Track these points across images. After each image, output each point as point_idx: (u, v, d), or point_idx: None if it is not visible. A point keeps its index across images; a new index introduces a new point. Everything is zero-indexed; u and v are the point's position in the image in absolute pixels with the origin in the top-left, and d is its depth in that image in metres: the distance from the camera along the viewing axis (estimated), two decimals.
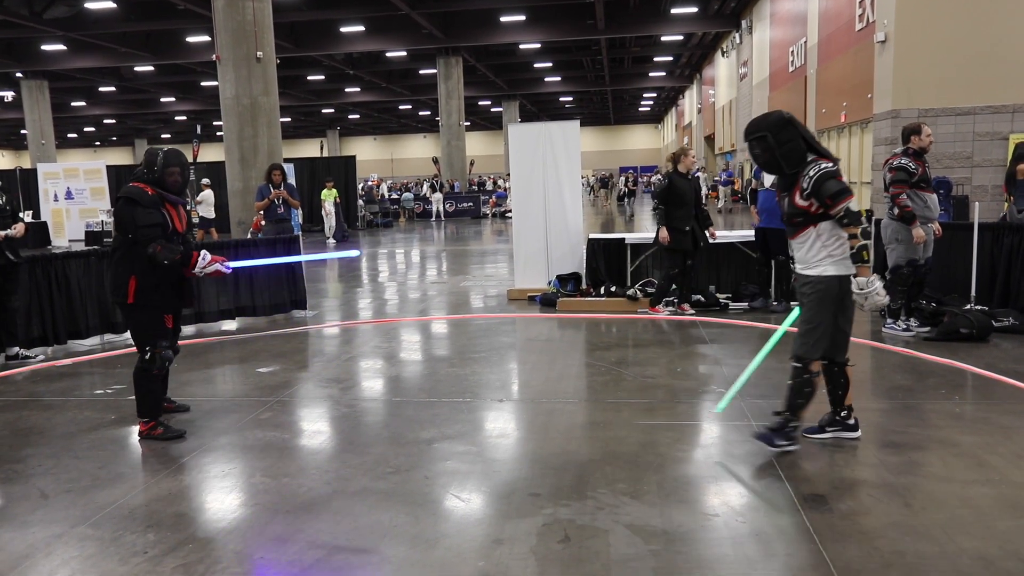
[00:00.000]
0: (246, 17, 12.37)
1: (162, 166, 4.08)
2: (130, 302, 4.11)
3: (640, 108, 55.35)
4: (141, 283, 4.07)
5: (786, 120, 3.49)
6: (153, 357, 4.15)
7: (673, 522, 3.02)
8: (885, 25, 12.96)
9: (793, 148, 3.46)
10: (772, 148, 3.46)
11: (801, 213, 3.47)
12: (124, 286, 4.09)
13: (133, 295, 4.08)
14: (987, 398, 4.56)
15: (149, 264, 4.05)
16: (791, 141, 3.46)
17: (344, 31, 24.73)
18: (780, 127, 3.47)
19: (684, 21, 25.75)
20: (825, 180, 3.39)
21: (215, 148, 41.64)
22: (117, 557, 2.88)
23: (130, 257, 4.09)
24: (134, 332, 4.26)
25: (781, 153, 3.46)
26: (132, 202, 4.04)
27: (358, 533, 3.02)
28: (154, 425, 4.21)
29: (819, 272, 3.50)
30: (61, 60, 26.38)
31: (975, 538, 2.82)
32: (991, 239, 6.56)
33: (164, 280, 4.14)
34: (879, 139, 13.43)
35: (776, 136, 3.46)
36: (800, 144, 3.47)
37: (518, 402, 4.76)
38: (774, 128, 3.47)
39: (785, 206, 3.55)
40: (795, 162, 3.47)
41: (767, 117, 3.55)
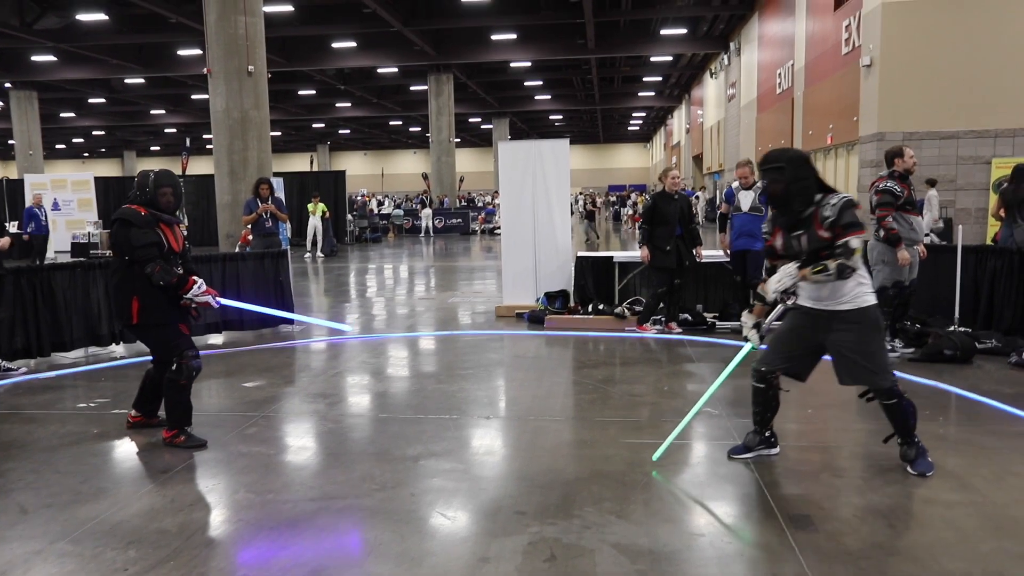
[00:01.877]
0: (238, 31, 12.40)
1: (154, 186, 4.14)
2: (135, 323, 4.16)
3: (629, 127, 55.80)
4: (143, 302, 4.13)
5: (804, 158, 3.52)
6: (180, 368, 4.18)
7: (659, 541, 3.01)
8: (871, 50, 13.20)
9: (806, 187, 3.46)
10: (787, 182, 3.46)
11: (826, 246, 3.43)
12: (128, 307, 4.15)
13: (137, 315, 4.14)
14: (971, 420, 4.60)
15: (148, 283, 4.11)
16: (806, 179, 3.47)
17: (336, 47, 24.82)
18: (799, 164, 3.48)
19: (673, 42, 26.05)
20: (846, 209, 3.39)
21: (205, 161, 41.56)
22: (97, 574, 2.84)
23: (129, 278, 4.14)
24: (155, 349, 4.30)
25: (794, 189, 3.46)
26: (126, 223, 4.09)
27: (343, 551, 3.00)
28: (177, 433, 4.25)
29: (860, 305, 3.48)
30: (51, 71, 26.27)
31: (958, 560, 2.83)
32: (975, 261, 6.64)
33: (166, 296, 4.18)
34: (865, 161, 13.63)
35: (795, 171, 3.46)
36: (813, 185, 3.48)
37: (505, 419, 4.74)
38: (793, 163, 3.48)
39: (803, 243, 3.49)
40: (804, 201, 3.47)
41: (786, 151, 3.56)
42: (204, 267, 7.24)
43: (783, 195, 3.48)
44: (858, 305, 3.49)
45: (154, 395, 4.50)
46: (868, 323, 3.50)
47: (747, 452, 3.86)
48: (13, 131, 28.25)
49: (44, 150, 30.17)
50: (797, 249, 3.52)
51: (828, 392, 5.26)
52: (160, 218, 4.17)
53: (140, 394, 4.58)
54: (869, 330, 3.50)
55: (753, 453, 3.85)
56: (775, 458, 3.90)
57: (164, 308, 4.18)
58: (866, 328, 3.50)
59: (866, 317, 3.50)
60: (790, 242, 3.55)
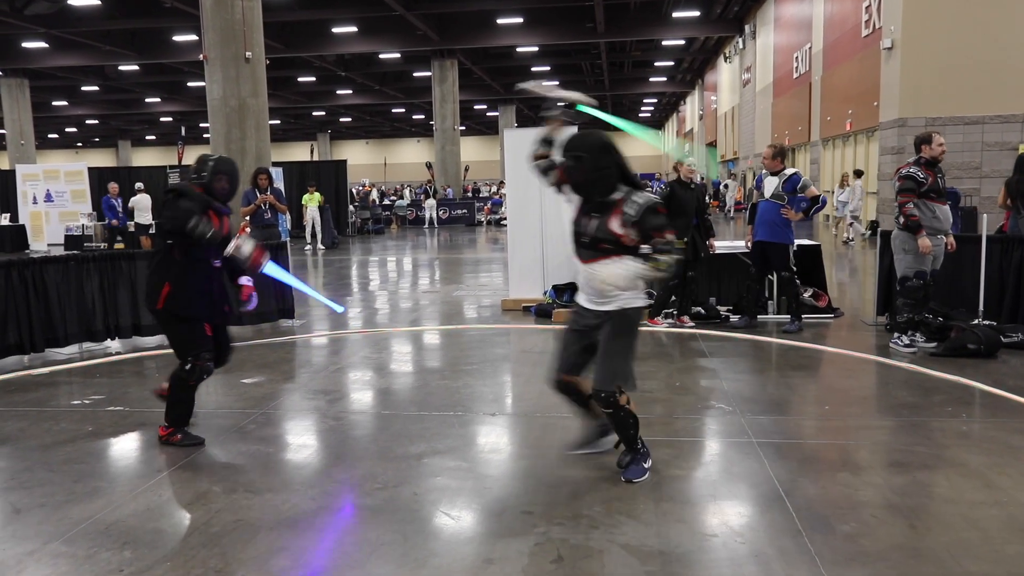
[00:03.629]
0: (235, 16, 12.24)
1: (211, 172, 4.10)
2: (159, 307, 4.06)
3: (640, 114, 55.48)
4: (173, 290, 4.03)
5: (608, 144, 3.35)
6: (193, 368, 4.09)
7: (670, 542, 2.95)
8: (892, 32, 12.95)
9: (607, 175, 3.32)
10: (587, 170, 3.32)
11: (612, 240, 3.32)
12: (156, 292, 4.06)
13: (163, 300, 4.03)
14: (995, 416, 4.49)
15: (185, 271, 4.03)
16: (607, 168, 3.32)
17: (336, 32, 24.60)
18: (600, 152, 3.32)
19: (686, 25, 25.69)
20: (652, 212, 3.28)
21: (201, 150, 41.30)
22: (91, 575, 2.79)
23: (166, 263, 4.07)
24: (173, 341, 4.18)
25: (594, 178, 3.32)
26: (179, 195, 4.03)
27: (343, 551, 2.94)
28: (174, 431, 4.17)
29: (624, 306, 3.38)
30: (42, 58, 26.06)
31: (982, 562, 2.76)
32: (1000, 252, 6.49)
33: (198, 288, 4.07)
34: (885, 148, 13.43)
35: (595, 160, 3.31)
36: (615, 174, 3.34)
37: (511, 416, 4.68)
38: (593, 151, 3.32)
39: (592, 228, 3.37)
40: (605, 190, 3.34)
41: (588, 137, 3.38)
42: None
43: (583, 184, 3.36)
44: (622, 307, 3.39)
45: None
46: (624, 325, 3.40)
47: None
48: (4, 120, 28.10)
49: (36, 140, 29.96)
50: (587, 230, 3.39)
51: (847, 389, 5.21)
52: (211, 204, 4.10)
53: None
54: (621, 332, 3.40)
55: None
56: (790, 455, 3.80)
57: (193, 302, 4.07)
58: (618, 329, 3.40)
59: (625, 319, 3.40)
60: (583, 220, 3.43)
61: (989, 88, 12.27)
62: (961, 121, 12.43)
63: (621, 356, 3.41)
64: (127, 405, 5.01)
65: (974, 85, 12.29)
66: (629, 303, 3.39)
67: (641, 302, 3.44)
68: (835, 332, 6.91)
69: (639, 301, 3.43)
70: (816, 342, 6.42)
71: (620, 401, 3.43)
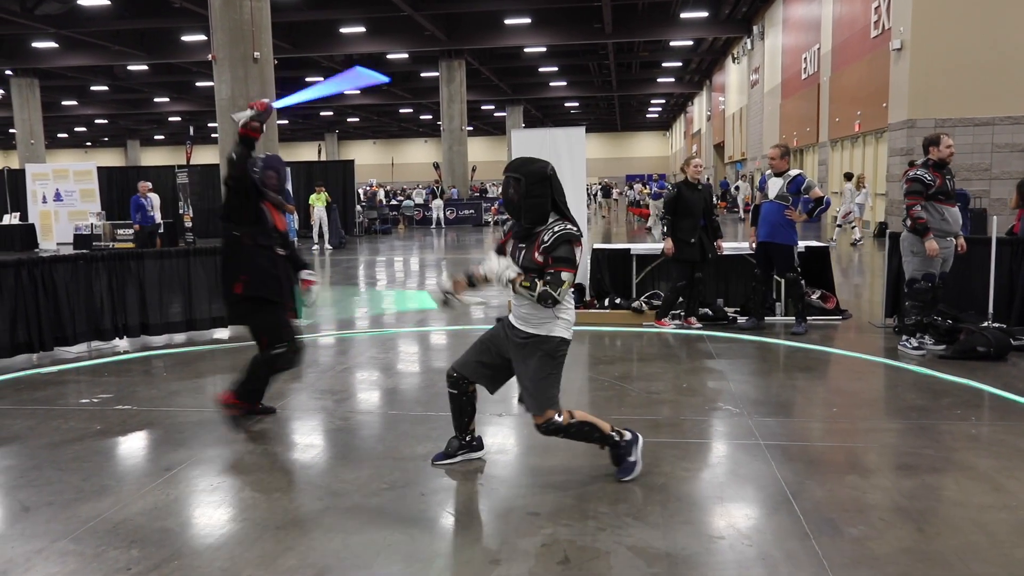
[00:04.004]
0: (243, 16, 12.28)
1: (263, 168, 4.26)
2: (238, 292, 4.18)
3: (648, 115, 55.38)
4: (250, 275, 4.18)
5: (547, 175, 3.39)
6: (285, 356, 4.23)
7: (677, 544, 2.94)
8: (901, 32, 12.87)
9: (539, 204, 3.37)
10: (521, 195, 3.37)
11: (536, 269, 3.36)
12: (233, 281, 4.20)
13: (242, 286, 4.17)
14: (1005, 419, 4.46)
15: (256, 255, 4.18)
16: (540, 197, 3.37)
17: (344, 32, 24.64)
18: (537, 180, 3.38)
19: (694, 26, 25.64)
20: (564, 242, 3.31)
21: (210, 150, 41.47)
22: (99, 574, 2.79)
23: (236, 251, 4.23)
24: (260, 329, 4.28)
25: (527, 204, 3.37)
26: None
27: (350, 551, 2.94)
28: (238, 404, 4.29)
29: (547, 332, 3.40)
30: (52, 58, 26.20)
31: (991, 565, 2.74)
32: (1010, 254, 6.45)
33: (269, 272, 4.21)
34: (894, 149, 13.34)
35: (530, 187, 3.36)
36: (547, 205, 3.37)
37: (518, 416, 4.65)
38: (531, 177, 3.38)
39: (519, 258, 3.44)
40: (535, 218, 3.38)
41: (531, 163, 3.44)
42: (209, 259, 7.16)
43: (515, 206, 3.41)
44: (543, 332, 3.40)
45: None
46: (544, 352, 3.41)
47: (448, 458, 3.80)
48: (14, 120, 28.23)
49: (46, 139, 30.13)
50: (516, 260, 3.45)
51: (855, 391, 5.18)
52: (266, 195, 4.26)
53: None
54: (541, 358, 3.41)
55: (458, 459, 3.80)
56: (798, 458, 3.79)
57: (267, 283, 4.21)
58: (539, 356, 3.41)
59: (545, 344, 3.41)
60: (514, 251, 3.50)
61: (999, 89, 12.18)
62: (971, 122, 12.34)
63: (546, 382, 3.45)
64: (135, 404, 5.02)
65: (984, 86, 12.19)
66: (552, 331, 3.41)
67: (563, 333, 3.44)
68: (843, 334, 6.87)
69: (562, 332, 3.43)
70: (824, 344, 6.39)
71: (564, 422, 3.46)
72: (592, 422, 3.54)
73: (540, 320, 3.41)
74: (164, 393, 5.29)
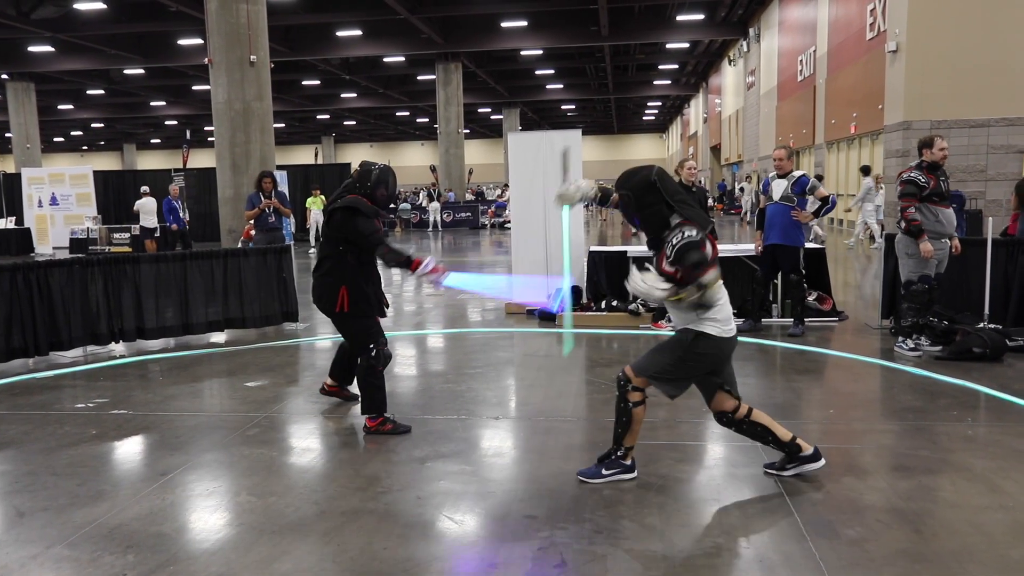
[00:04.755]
0: (240, 20, 12.25)
1: (375, 182, 4.34)
2: (345, 311, 4.31)
3: (644, 117, 55.37)
4: (352, 293, 4.29)
5: (651, 182, 3.35)
6: (378, 355, 4.35)
7: (674, 547, 2.94)
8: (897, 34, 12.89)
9: (655, 212, 3.34)
10: (636, 210, 3.38)
11: (668, 277, 3.32)
12: (335, 296, 4.29)
13: (348, 304, 4.29)
14: (1001, 420, 4.47)
15: (357, 273, 4.31)
16: (654, 205, 3.34)
17: (341, 35, 24.63)
18: (644, 190, 3.35)
19: (690, 28, 25.66)
20: (687, 251, 3.25)
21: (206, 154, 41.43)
22: None
23: (340, 267, 4.31)
24: (354, 337, 4.46)
25: (644, 216, 3.38)
26: (354, 211, 4.24)
27: (346, 555, 2.93)
28: (383, 421, 4.37)
29: (686, 325, 3.41)
30: (48, 62, 26.12)
31: (988, 567, 2.74)
32: (1005, 255, 6.46)
33: (367, 289, 4.36)
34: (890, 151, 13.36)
35: (639, 199, 3.35)
36: (663, 210, 3.33)
37: (515, 420, 4.66)
38: (637, 190, 3.36)
39: (655, 265, 3.43)
40: (656, 228, 3.37)
41: (634, 175, 3.41)
42: (205, 263, 7.15)
43: (632, 218, 3.45)
44: (685, 324, 3.41)
45: (349, 368, 4.74)
46: (688, 339, 3.39)
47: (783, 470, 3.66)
48: (10, 124, 28.14)
49: (42, 143, 30.06)
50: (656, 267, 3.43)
51: (851, 392, 5.19)
52: (379, 213, 4.41)
53: (337, 365, 4.83)
54: (682, 343, 3.41)
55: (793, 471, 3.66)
56: None
57: (368, 300, 4.36)
58: (682, 340, 3.41)
59: (690, 335, 3.39)
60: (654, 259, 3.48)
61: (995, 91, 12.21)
62: (966, 124, 12.37)
63: (660, 356, 3.45)
64: (131, 408, 5.01)
65: (979, 88, 12.23)
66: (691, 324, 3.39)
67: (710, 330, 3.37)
68: (840, 336, 6.88)
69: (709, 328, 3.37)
70: (821, 346, 6.39)
71: (629, 396, 3.46)
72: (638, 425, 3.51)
73: (687, 321, 3.41)
74: (160, 397, 5.27)
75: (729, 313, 3.43)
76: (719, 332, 3.37)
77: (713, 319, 3.37)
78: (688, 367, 3.42)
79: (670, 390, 3.49)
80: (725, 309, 3.40)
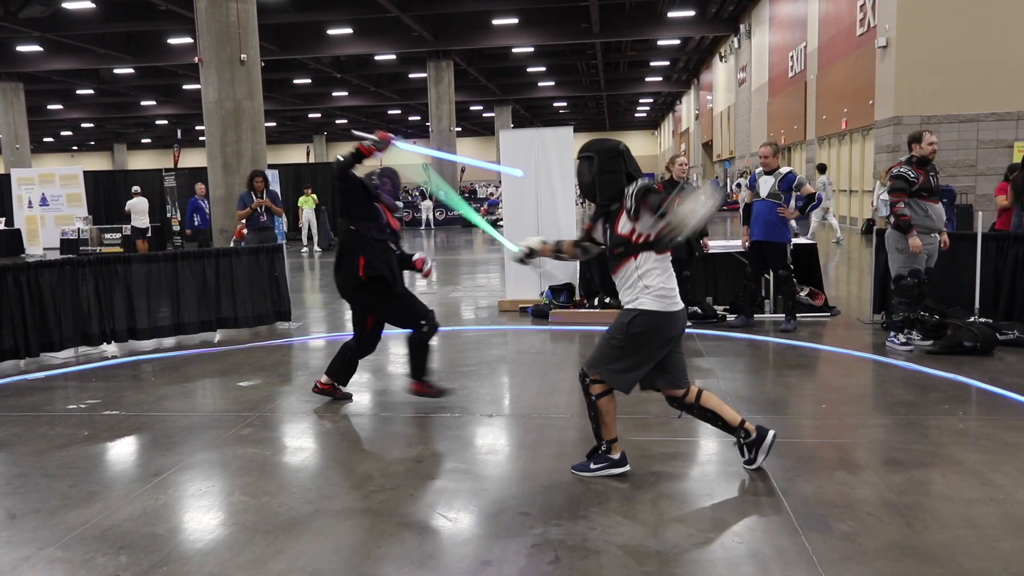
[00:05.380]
0: (230, 18, 12.20)
1: (379, 175, 4.77)
2: (361, 276, 4.55)
3: (636, 114, 55.39)
4: (368, 259, 4.55)
5: (619, 151, 3.43)
6: (431, 328, 4.72)
7: (667, 543, 2.94)
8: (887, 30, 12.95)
9: (613, 180, 3.38)
10: (595, 173, 3.40)
11: (623, 243, 3.36)
12: (355, 266, 4.56)
13: (363, 269, 4.54)
14: (991, 413, 4.50)
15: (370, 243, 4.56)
16: (614, 172, 3.39)
17: (331, 33, 24.54)
18: (610, 155, 3.42)
19: (681, 25, 25.67)
20: (647, 193, 3.26)
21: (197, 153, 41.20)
22: None
23: (354, 241, 4.60)
24: (395, 314, 4.78)
25: (601, 181, 3.39)
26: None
27: (340, 554, 2.92)
28: (426, 384, 4.82)
29: (631, 306, 3.40)
30: (37, 61, 25.92)
31: (979, 559, 2.76)
32: (995, 250, 6.50)
33: (385, 259, 4.59)
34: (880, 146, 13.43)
35: (602, 163, 3.40)
36: (622, 180, 3.38)
37: (508, 417, 4.66)
38: (603, 153, 3.42)
39: (608, 238, 3.46)
40: (611, 194, 3.40)
41: (602, 142, 3.49)
42: (197, 263, 7.12)
43: (590, 185, 3.45)
44: (630, 306, 3.41)
45: (351, 365, 4.94)
46: (625, 321, 3.40)
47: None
48: None
49: (31, 144, 29.73)
50: (606, 240, 3.48)
51: (843, 387, 5.21)
52: (380, 197, 4.70)
53: (338, 363, 4.92)
54: (620, 326, 3.42)
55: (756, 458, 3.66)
56: (787, 455, 3.79)
57: (387, 264, 4.59)
58: (620, 323, 3.43)
59: (628, 316, 3.40)
60: (603, 233, 3.52)
61: (984, 86, 12.28)
62: (956, 119, 12.43)
63: (605, 345, 3.47)
64: (123, 409, 4.99)
65: (969, 83, 12.29)
66: (634, 304, 3.38)
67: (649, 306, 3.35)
68: (832, 331, 6.91)
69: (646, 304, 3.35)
70: (813, 341, 6.42)
71: (590, 389, 3.50)
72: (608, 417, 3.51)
73: (634, 298, 3.39)
74: (152, 398, 5.25)
75: (671, 287, 3.38)
76: (660, 307, 3.34)
77: (654, 293, 3.34)
78: (633, 350, 3.38)
79: (621, 381, 3.43)
80: (668, 282, 3.37)
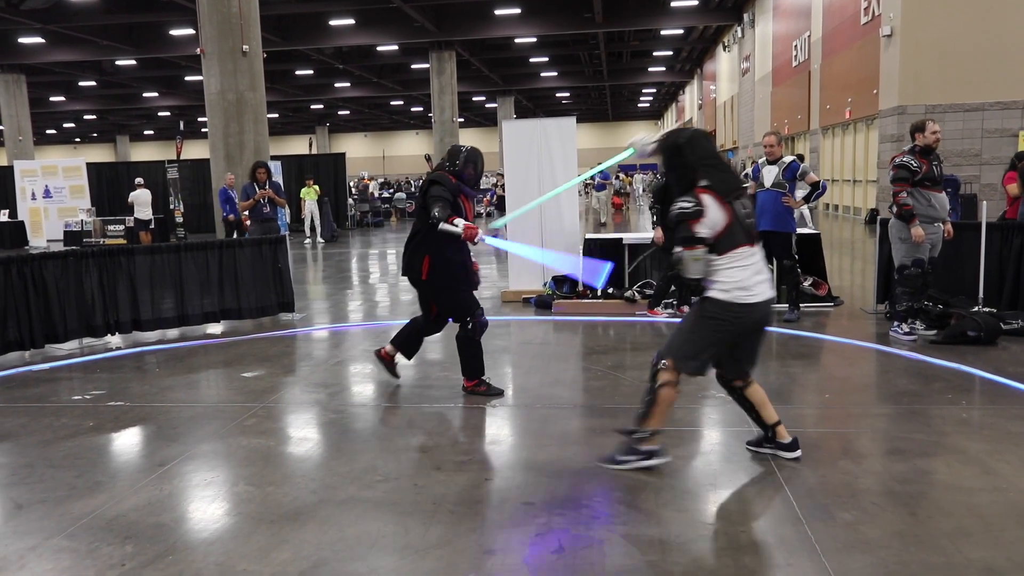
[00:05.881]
0: (232, 9, 12.17)
1: (463, 161, 4.63)
2: (424, 279, 4.61)
3: (639, 104, 55.14)
4: (434, 260, 4.56)
5: (677, 147, 3.47)
6: (475, 326, 4.66)
7: (671, 531, 2.94)
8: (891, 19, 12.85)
9: (681, 176, 3.48)
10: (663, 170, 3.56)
11: None
12: (419, 264, 4.59)
13: (427, 272, 4.58)
14: (995, 403, 4.49)
15: (443, 244, 4.52)
16: (679, 169, 3.48)
17: (333, 24, 24.45)
18: (670, 152, 3.50)
19: (685, 14, 25.53)
20: (678, 223, 3.39)
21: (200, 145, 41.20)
22: (93, 570, 2.78)
23: (425, 239, 4.58)
24: (449, 308, 4.76)
25: (672, 179, 3.56)
26: (435, 182, 4.59)
27: (345, 544, 2.93)
28: (479, 383, 4.78)
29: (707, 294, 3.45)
30: (39, 53, 25.87)
31: (982, 548, 2.76)
32: (1000, 239, 6.47)
33: (454, 259, 4.58)
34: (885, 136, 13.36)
35: (666, 160, 3.53)
36: (687, 174, 3.43)
37: (511, 407, 4.66)
38: (665, 152, 3.53)
39: None
40: (683, 188, 3.47)
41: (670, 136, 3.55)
42: (200, 254, 7.13)
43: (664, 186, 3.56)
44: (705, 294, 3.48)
45: (416, 340, 4.99)
46: (699, 309, 3.48)
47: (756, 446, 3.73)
48: (1, 116, 27.87)
49: (34, 136, 29.70)
50: None
51: (847, 377, 5.21)
52: (463, 189, 4.61)
53: (404, 335, 4.98)
54: (696, 314, 3.50)
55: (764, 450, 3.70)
56: None
57: (453, 270, 4.60)
58: (695, 312, 3.52)
59: (702, 304, 3.47)
60: None
61: (989, 75, 12.19)
62: (961, 108, 12.36)
63: (679, 330, 3.55)
64: (128, 400, 5.01)
65: (973, 72, 12.21)
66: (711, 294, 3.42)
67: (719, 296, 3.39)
68: (835, 321, 6.90)
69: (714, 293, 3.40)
70: (816, 331, 6.41)
71: (657, 375, 3.47)
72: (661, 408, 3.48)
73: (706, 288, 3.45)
74: (157, 389, 5.27)
75: (741, 279, 3.36)
76: (727, 297, 3.37)
77: (721, 286, 3.38)
78: (702, 333, 3.44)
79: (688, 367, 3.46)
80: (735, 275, 3.37)
